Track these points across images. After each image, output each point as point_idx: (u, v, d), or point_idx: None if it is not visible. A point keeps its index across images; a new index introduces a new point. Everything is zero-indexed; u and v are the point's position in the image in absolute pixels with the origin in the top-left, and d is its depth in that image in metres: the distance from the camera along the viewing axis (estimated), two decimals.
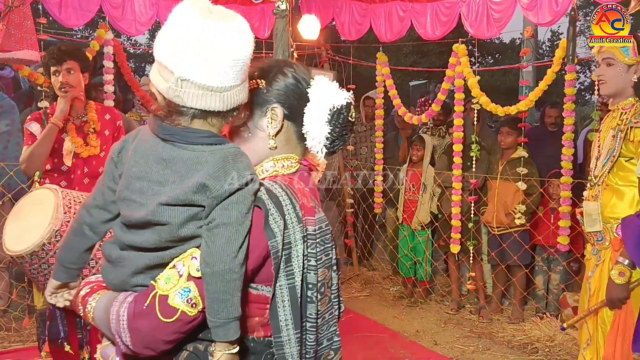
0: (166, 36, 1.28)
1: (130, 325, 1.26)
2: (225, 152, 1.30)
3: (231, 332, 1.25)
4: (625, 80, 2.63)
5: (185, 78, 1.25)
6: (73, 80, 3.10)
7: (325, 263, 1.42)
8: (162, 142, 1.32)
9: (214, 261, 1.24)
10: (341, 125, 1.43)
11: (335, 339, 1.46)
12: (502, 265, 5.05)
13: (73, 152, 3.16)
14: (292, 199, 1.36)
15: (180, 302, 1.24)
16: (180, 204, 1.27)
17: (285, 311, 1.35)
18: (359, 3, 5.78)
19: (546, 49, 19.08)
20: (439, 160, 5.65)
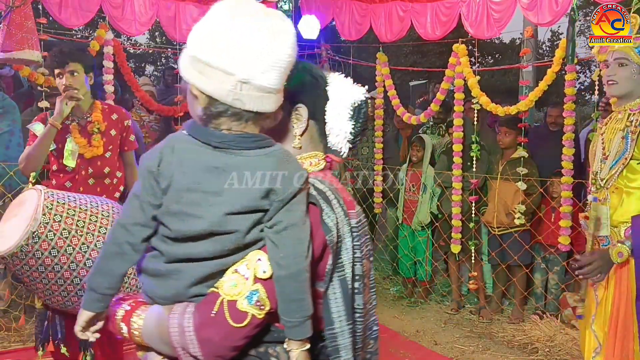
0: (221, 37, 1.23)
1: (199, 336, 1.24)
2: (278, 153, 1.29)
3: (307, 329, 1.27)
4: (636, 82, 2.56)
5: (247, 80, 1.22)
6: (77, 83, 3.09)
7: (366, 254, 1.46)
8: (212, 150, 1.27)
9: (287, 263, 1.24)
10: (362, 120, 1.47)
11: (374, 327, 1.50)
12: (502, 265, 5.05)
13: (77, 153, 3.15)
14: (336, 194, 1.38)
15: (249, 306, 1.23)
16: (248, 211, 1.25)
17: (338, 303, 1.35)
18: (359, 3, 5.78)
19: (546, 49, 19.08)
20: (439, 160, 5.65)
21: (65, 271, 2.38)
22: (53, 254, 2.35)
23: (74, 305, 2.50)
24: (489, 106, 4.94)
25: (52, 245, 2.35)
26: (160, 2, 5.19)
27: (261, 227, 1.27)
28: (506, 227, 4.97)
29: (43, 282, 2.43)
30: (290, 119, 1.44)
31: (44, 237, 2.34)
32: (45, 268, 2.37)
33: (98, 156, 3.19)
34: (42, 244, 2.34)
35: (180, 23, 5.33)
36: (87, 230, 2.42)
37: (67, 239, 2.37)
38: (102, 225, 2.46)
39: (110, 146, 3.24)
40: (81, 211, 2.45)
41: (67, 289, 2.43)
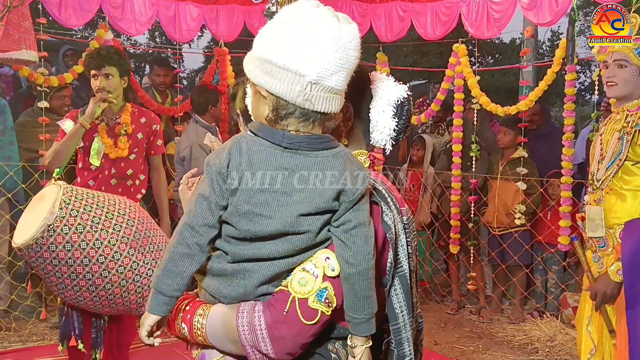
0: (293, 39, 1.25)
1: (272, 334, 1.27)
2: (344, 154, 1.31)
3: (372, 326, 1.32)
4: (636, 83, 2.56)
5: (317, 81, 1.24)
6: (110, 86, 3.16)
7: (415, 250, 1.51)
8: (282, 150, 1.28)
9: (358, 261, 1.28)
10: (405, 117, 1.48)
11: (420, 320, 1.55)
12: (502, 265, 5.05)
13: (102, 153, 3.19)
14: (389, 192, 1.43)
15: (319, 303, 1.28)
16: (319, 211, 1.28)
17: (399, 299, 1.41)
18: (358, 3, 5.78)
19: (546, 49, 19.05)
20: (439, 160, 5.65)
21: (77, 266, 2.43)
22: (67, 247, 2.40)
23: (85, 300, 2.54)
24: (488, 106, 4.94)
25: (66, 240, 2.40)
26: (160, 2, 5.19)
27: (329, 227, 1.31)
28: (506, 227, 4.96)
29: (56, 276, 2.47)
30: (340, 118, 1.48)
31: (59, 230, 2.39)
32: (59, 262, 2.42)
33: (122, 157, 3.24)
34: (57, 237, 2.39)
35: (180, 23, 5.33)
36: (102, 227, 2.47)
37: (81, 234, 2.42)
38: (117, 223, 2.51)
39: (135, 149, 3.28)
40: (98, 208, 2.51)
41: (79, 283, 2.47)
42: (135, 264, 2.49)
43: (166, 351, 3.94)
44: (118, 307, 2.59)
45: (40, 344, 4.39)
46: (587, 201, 2.75)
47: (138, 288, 2.53)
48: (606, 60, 2.64)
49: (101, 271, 2.44)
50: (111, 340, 3.03)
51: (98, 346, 2.94)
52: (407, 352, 1.41)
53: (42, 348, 4.27)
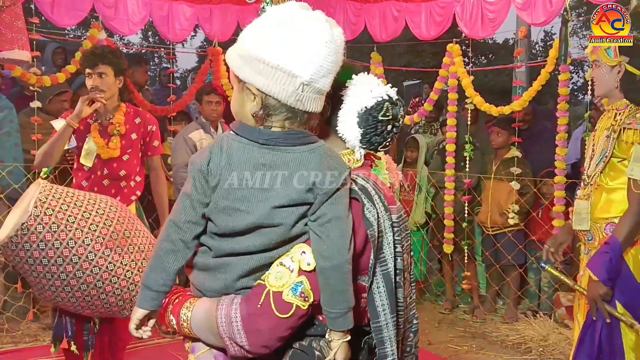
0: (287, 41, 1.28)
1: (246, 327, 1.29)
2: (322, 149, 1.34)
3: (349, 321, 1.32)
4: (609, 81, 2.67)
5: (309, 83, 1.28)
6: (103, 85, 3.11)
7: (407, 249, 1.49)
8: (259, 147, 1.32)
9: (331, 255, 1.29)
10: (371, 126, 1.42)
11: (414, 321, 1.53)
12: (496, 265, 5.06)
13: (94, 153, 3.16)
14: (377, 189, 1.42)
15: (294, 297, 1.28)
16: (293, 204, 1.30)
17: (382, 297, 1.39)
18: (353, 3, 5.78)
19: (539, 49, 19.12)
20: (432, 160, 5.66)
21: (52, 266, 2.40)
22: (41, 247, 2.37)
23: (64, 301, 2.51)
24: (482, 106, 4.95)
25: (40, 238, 2.37)
26: (153, 1, 5.18)
27: (306, 221, 1.32)
28: (500, 227, 4.97)
29: (33, 275, 2.45)
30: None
31: (33, 229, 2.36)
32: (34, 261, 2.40)
33: (114, 158, 3.18)
34: (32, 236, 2.36)
35: (173, 22, 5.32)
36: (77, 226, 2.43)
37: (55, 232, 2.38)
38: (93, 222, 2.47)
39: (129, 149, 3.23)
40: (75, 207, 2.47)
41: (55, 284, 2.44)
42: (112, 265, 2.44)
43: (161, 352, 3.93)
44: (98, 309, 2.54)
45: (33, 345, 4.36)
46: (578, 195, 2.83)
47: (116, 290, 2.47)
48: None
49: (75, 271, 2.41)
50: (103, 342, 3.00)
51: (89, 349, 2.92)
52: (388, 352, 1.39)
53: (34, 349, 4.24)
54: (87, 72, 3.15)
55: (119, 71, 3.18)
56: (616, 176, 2.63)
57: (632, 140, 2.57)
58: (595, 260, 2.55)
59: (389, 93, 1.45)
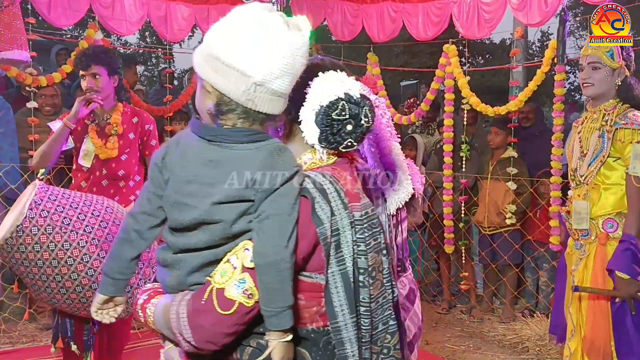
0: (242, 41, 1.29)
1: (190, 322, 1.30)
2: (271, 147, 1.34)
3: (285, 320, 1.29)
4: (610, 84, 2.73)
5: (261, 83, 1.29)
6: (98, 85, 3.10)
7: (374, 247, 1.44)
8: (208, 143, 1.34)
9: (266, 252, 1.28)
10: (327, 124, 1.39)
11: (390, 322, 1.48)
12: (492, 265, 5.07)
13: (93, 153, 3.15)
14: (337, 186, 1.39)
15: (237, 294, 1.28)
16: (231, 200, 1.31)
17: (340, 297, 1.37)
18: (350, 3, 5.79)
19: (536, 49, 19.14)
20: (429, 160, 5.67)
21: (47, 267, 2.40)
22: (36, 249, 2.38)
23: (60, 303, 2.51)
24: (479, 106, 4.96)
25: (35, 241, 2.37)
26: (151, 1, 5.17)
27: (249, 218, 1.32)
28: (497, 227, 4.99)
29: (29, 277, 2.45)
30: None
31: (28, 231, 2.36)
32: (30, 263, 2.40)
33: (113, 158, 3.17)
34: (26, 238, 2.36)
35: (170, 23, 5.31)
36: (72, 228, 2.43)
37: (50, 235, 2.38)
38: (88, 224, 2.47)
39: (127, 149, 3.22)
40: (71, 209, 2.47)
41: (51, 285, 2.44)
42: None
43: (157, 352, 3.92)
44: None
45: (30, 345, 4.36)
46: (571, 196, 2.90)
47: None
48: (581, 63, 2.80)
49: (70, 273, 2.41)
50: (102, 344, 3.01)
51: (89, 349, 2.92)
52: (349, 354, 1.38)
53: (32, 350, 4.24)
54: (81, 74, 3.14)
55: (113, 71, 3.16)
56: (611, 175, 2.71)
57: (630, 140, 2.64)
58: (619, 261, 2.59)
59: (348, 92, 1.41)
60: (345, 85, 1.42)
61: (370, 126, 1.45)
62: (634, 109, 2.72)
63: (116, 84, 3.20)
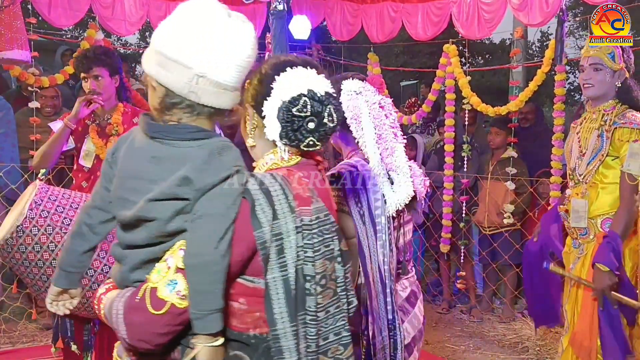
0: (181, 31, 1.30)
1: (125, 319, 1.29)
2: (212, 145, 1.31)
3: (212, 324, 1.25)
4: (610, 85, 2.76)
5: (203, 75, 1.28)
6: (100, 87, 3.11)
7: (325, 254, 1.37)
8: (152, 140, 1.34)
9: (195, 252, 1.25)
10: (287, 121, 1.35)
11: (344, 333, 1.41)
12: (493, 264, 5.07)
13: (94, 154, 3.16)
14: (285, 188, 1.34)
15: (169, 294, 1.25)
16: (165, 198, 1.29)
17: (280, 304, 1.31)
18: (350, 3, 5.79)
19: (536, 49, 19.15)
20: (429, 160, 5.67)
21: (47, 268, 2.40)
22: (36, 249, 2.38)
23: None
24: (479, 106, 4.96)
25: (35, 241, 2.38)
26: (151, 2, 5.17)
27: (186, 218, 1.30)
28: (497, 227, 4.99)
29: (29, 277, 2.45)
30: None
31: (28, 231, 2.37)
32: (30, 263, 2.40)
33: None
34: (27, 238, 2.37)
35: None
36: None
37: (50, 235, 2.39)
38: None
39: None
40: (71, 209, 2.47)
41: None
42: (107, 267, 2.44)
43: None
44: (94, 311, 2.56)
45: (30, 345, 4.36)
46: (569, 195, 2.93)
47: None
48: (582, 64, 2.82)
49: None
50: (103, 344, 3.01)
51: (89, 349, 2.92)
52: None
53: (32, 349, 4.24)
54: (82, 76, 3.15)
55: (114, 71, 3.17)
56: (609, 173, 2.74)
57: (628, 138, 2.67)
58: (601, 253, 2.62)
59: (312, 89, 1.37)
60: (310, 82, 1.38)
61: (335, 126, 1.40)
62: (632, 109, 2.75)
63: (117, 84, 3.21)
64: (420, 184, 2.05)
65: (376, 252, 1.84)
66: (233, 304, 1.35)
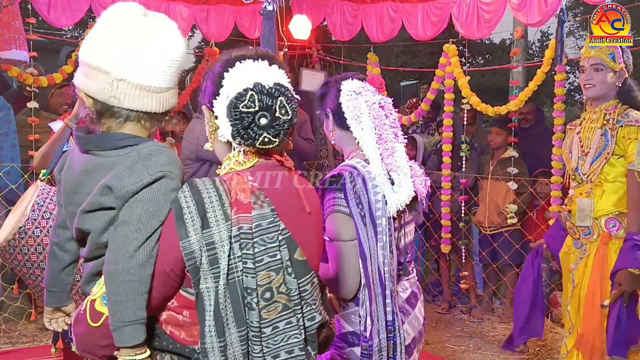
0: (99, 37, 1.27)
1: (72, 330, 1.30)
2: (136, 154, 1.27)
3: (126, 337, 1.21)
4: (611, 85, 2.76)
5: (122, 78, 1.25)
6: None
7: (269, 265, 1.24)
8: (85, 153, 1.33)
9: (109, 260, 1.23)
10: (236, 117, 1.26)
11: (297, 352, 1.27)
12: (493, 265, 5.07)
13: None
14: (222, 195, 1.25)
15: (104, 307, 1.24)
16: (93, 209, 1.27)
17: (210, 317, 1.21)
18: (350, 3, 5.79)
19: (536, 49, 19.16)
20: (429, 160, 5.67)
21: None
22: (39, 250, 2.38)
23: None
24: (479, 106, 4.96)
25: (37, 242, 2.37)
26: (150, 2, 5.16)
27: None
28: (497, 227, 4.99)
29: (32, 278, 2.45)
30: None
31: (30, 233, 2.36)
32: (32, 264, 2.40)
33: None
34: (29, 240, 2.36)
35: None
36: None
37: None
38: None
39: None
40: None
41: None
42: None
43: None
44: None
45: (30, 345, 4.36)
46: (572, 194, 2.93)
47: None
48: (583, 64, 2.82)
49: None
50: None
51: None
52: None
53: (32, 349, 4.24)
54: None
55: None
56: (611, 171, 2.74)
57: (635, 136, 2.67)
58: (629, 257, 2.59)
59: (259, 81, 1.27)
60: (258, 75, 1.29)
61: (291, 119, 1.30)
62: (633, 109, 2.75)
63: None
64: (421, 184, 2.03)
65: (376, 254, 1.83)
66: (178, 317, 1.29)
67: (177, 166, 1.30)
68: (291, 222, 1.31)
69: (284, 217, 1.29)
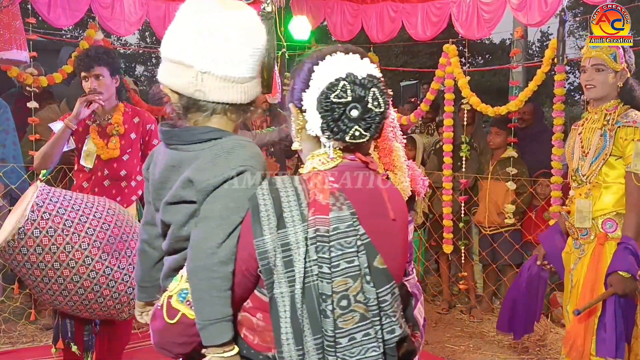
0: (179, 32, 1.27)
1: (150, 325, 1.31)
2: (222, 145, 1.26)
3: (213, 334, 1.19)
4: (612, 86, 2.76)
5: (206, 71, 1.24)
6: (101, 86, 3.10)
7: (346, 272, 1.17)
8: (169, 148, 1.33)
9: (192, 256, 1.22)
10: (327, 109, 1.20)
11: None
12: (493, 265, 5.07)
13: (95, 154, 3.16)
14: (301, 194, 1.21)
15: (181, 304, 1.23)
16: (175, 201, 1.28)
17: (286, 323, 1.16)
18: (350, 3, 5.79)
19: (536, 49, 19.15)
20: (429, 161, 5.67)
21: (49, 270, 2.40)
22: (38, 251, 2.38)
23: (62, 304, 2.51)
24: (479, 106, 4.96)
25: (37, 243, 2.37)
26: (150, 2, 5.16)
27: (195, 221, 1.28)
28: (497, 227, 4.99)
29: (31, 279, 2.45)
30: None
31: (30, 234, 2.37)
32: (32, 265, 2.40)
33: (115, 158, 3.17)
34: (28, 240, 2.36)
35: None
36: (74, 230, 2.43)
37: (52, 237, 2.38)
38: (90, 226, 2.47)
39: (129, 149, 3.22)
40: (72, 210, 2.47)
41: (53, 287, 2.44)
42: (109, 269, 2.45)
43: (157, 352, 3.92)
44: (96, 312, 2.56)
45: (30, 345, 4.36)
46: (572, 195, 2.93)
47: (114, 294, 2.49)
48: (584, 64, 2.82)
49: (72, 276, 2.41)
50: (103, 344, 3.01)
51: (90, 349, 2.93)
52: None
53: (32, 350, 4.24)
54: (83, 75, 3.14)
55: (115, 71, 3.18)
56: (611, 173, 2.74)
57: (632, 137, 2.67)
58: (620, 260, 2.61)
59: (352, 71, 1.22)
60: (350, 66, 1.24)
61: (383, 112, 1.24)
62: (634, 109, 2.75)
63: (117, 84, 3.20)
64: (420, 183, 2.03)
65: None
66: (252, 319, 1.26)
67: (260, 161, 1.28)
68: (372, 227, 1.24)
69: (364, 222, 1.22)
